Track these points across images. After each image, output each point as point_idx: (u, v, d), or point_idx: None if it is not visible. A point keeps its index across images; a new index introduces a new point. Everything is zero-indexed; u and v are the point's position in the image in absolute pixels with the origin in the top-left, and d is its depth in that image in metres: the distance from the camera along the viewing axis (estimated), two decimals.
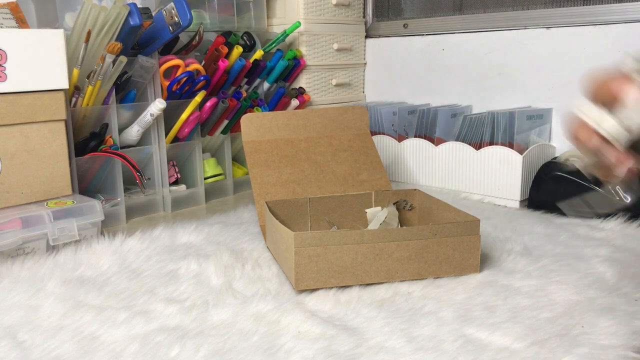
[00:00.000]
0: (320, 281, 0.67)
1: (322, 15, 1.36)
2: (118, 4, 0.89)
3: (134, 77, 0.99)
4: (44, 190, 0.87)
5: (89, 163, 0.96)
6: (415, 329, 0.58)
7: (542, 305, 0.63)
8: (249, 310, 0.63)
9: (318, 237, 0.66)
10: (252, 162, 0.93)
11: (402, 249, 0.69)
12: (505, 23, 1.25)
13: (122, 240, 0.84)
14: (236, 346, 0.55)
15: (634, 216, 0.91)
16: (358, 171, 0.96)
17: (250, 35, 1.24)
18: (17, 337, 0.57)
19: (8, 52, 0.80)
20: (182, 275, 0.74)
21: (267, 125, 0.97)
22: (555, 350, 0.53)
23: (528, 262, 0.76)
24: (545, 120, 1.17)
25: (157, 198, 1.06)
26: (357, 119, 1.02)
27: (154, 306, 0.64)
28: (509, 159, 1.05)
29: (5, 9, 0.92)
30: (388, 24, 1.47)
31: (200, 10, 1.18)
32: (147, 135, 1.04)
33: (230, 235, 0.88)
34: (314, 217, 0.85)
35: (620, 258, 0.76)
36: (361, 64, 1.50)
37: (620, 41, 1.09)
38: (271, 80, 1.25)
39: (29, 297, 0.66)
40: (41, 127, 0.85)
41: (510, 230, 0.89)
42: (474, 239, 0.71)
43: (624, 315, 0.60)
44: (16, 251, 0.78)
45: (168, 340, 0.56)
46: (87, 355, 0.54)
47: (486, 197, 1.09)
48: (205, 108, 1.07)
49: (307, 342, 0.56)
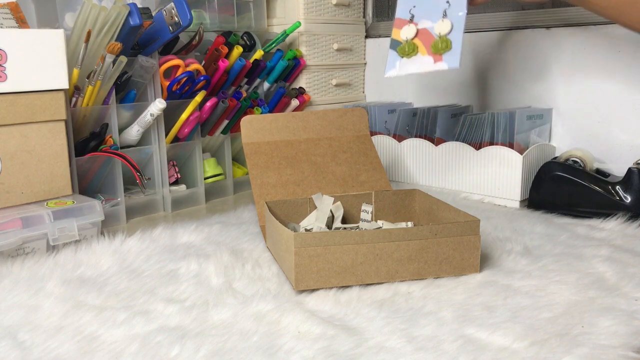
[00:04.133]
0: (320, 281, 0.67)
1: (322, 15, 1.36)
2: (118, 4, 0.89)
3: (134, 77, 0.99)
4: (44, 190, 0.87)
5: (89, 163, 0.96)
6: (415, 329, 0.58)
7: (542, 305, 0.63)
8: (249, 310, 0.63)
9: (318, 237, 0.66)
10: (252, 163, 0.93)
11: (402, 249, 0.69)
12: (505, 23, 1.25)
13: (122, 240, 0.84)
14: (236, 346, 0.55)
15: (634, 216, 0.91)
16: (358, 172, 0.96)
17: (250, 35, 1.24)
18: (17, 337, 0.57)
19: (8, 52, 0.80)
20: (182, 275, 0.74)
21: (266, 127, 0.97)
22: (555, 350, 0.53)
23: (528, 262, 0.76)
24: (545, 120, 1.17)
25: (157, 198, 1.06)
26: (356, 120, 1.02)
27: (154, 306, 0.64)
28: (509, 159, 1.05)
29: (5, 9, 0.92)
30: (388, 24, 1.47)
31: (200, 10, 1.18)
32: (147, 135, 1.04)
33: (230, 235, 0.88)
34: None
35: (620, 258, 0.76)
36: (361, 64, 1.50)
37: (620, 41, 1.09)
38: (271, 80, 1.25)
39: (29, 297, 0.66)
40: (41, 127, 0.85)
41: (510, 230, 0.89)
42: (474, 239, 0.71)
43: (624, 315, 0.60)
44: (16, 251, 0.78)
45: (168, 340, 0.56)
46: (87, 355, 0.54)
47: (486, 197, 1.09)
48: (205, 108, 1.07)
49: (307, 342, 0.56)
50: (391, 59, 0.89)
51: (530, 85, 1.21)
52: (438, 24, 0.87)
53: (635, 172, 0.92)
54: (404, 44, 0.89)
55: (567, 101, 1.17)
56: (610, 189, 0.94)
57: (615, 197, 0.93)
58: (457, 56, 0.84)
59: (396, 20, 0.91)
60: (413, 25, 0.89)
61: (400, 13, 0.92)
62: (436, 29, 0.87)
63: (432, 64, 0.86)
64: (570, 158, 1.05)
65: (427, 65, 0.86)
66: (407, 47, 0.88)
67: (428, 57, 0.87)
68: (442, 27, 0.87)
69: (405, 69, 0.88)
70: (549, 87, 1.19)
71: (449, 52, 0.85)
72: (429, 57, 0.87)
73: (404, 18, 0.91)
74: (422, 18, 0.89)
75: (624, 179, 0.94)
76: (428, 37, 0.88)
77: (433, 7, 0.88)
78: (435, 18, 0.88)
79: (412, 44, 0.88)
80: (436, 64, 0.86)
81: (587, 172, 0.98)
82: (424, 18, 0.89)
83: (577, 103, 1.16)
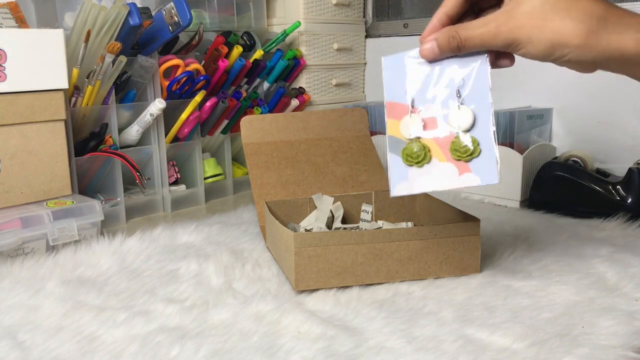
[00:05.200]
0: (320, 281, 0.67)
1: (322, 15, 1.36)
2: (118, 4, 0.89)
3: (134, 77, 0.99)
4: (43, 190, 0.87)
5: (88, 163, 0.96)
6: (416, 329, 0.58)
7: (543, 305, 0.63)
8: (249, 310, 0.63)
9: (318, 238, 0.66)
10: (251, 164, 0.93)
11: (403, 249, 0.69)
12: None
13: (121, 241, 0.84)
14: (236, 346, 0.55)
15: (635, 216, 0.91)
16: (358, 172, 0.96)
17: (250, 35, 1.24)
18: (17, 337, 0.57)
19: (8, 52, 0.80)
20: (182, 275, 0.74)
21: (266, 128, 0.97)
22: (555, 350, 0.53)
23: (528, 262, 0.76)
24: (545, 120, 1.17)
25: (157, 198, 1.06)
26: (356, 120, 1.02)
27: (154, 306, 0.64)
28: (509, 159, 1.05)
29: (5, 9, 0.92)
30: (388, 23, 1.47)
31: (200, 10, 1.18)
32: (147, 135, 1.04)
33: (230, 235, 0.88)
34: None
35: (620, 258, 0.76)
36: (361, 63, 1.49)
37: None
38: (271, 80, 1.25)
39: (29, 297, 0.66)
40: (41, 127, 0.85)
41: (511, 230, 0.89)
42: (474, 239, 0.71)
43: (624, 315, 0.60)
44: (16, 251, 0.78)
45: (168, 340, 0.56)
46: (87, 355, 0.54)
47: (486, 197, 1.09)
48: (205, 108, 1.07)
49: (307, 342, 0.56)
50: (396, 169, 0.61)
51: (530, 85, 1.21)
52: (454, 113, 0.59)
53: (636, 172, 0.92)
54: (410, 145, 0.60)
55: (568, 101, 1.17)
56: (611, 189, 0.94)
57: (615, 197, 0.93)
58: (493, 164, 0.58)
59: (388, 106, 0.62)
60: (416, 115, 0.60)
61: (392, 94, 0.62)
62: (452, 120, 0.59)
63: (457, 178, 0.58)
64: (570, 158, 1.05)
65: (451, 180, 0.59)
66: (415, 148, 0.60)
67: (449, 166, 0.59)
68: (460, 118, 0.59)
69: (421, 185, 0.60)
70: (549, 87, 1.19)
71: (478, 158, 0.58)
72: (451, 165, 0.59)
73: (400, 102, 0.61)
74: (426, 102, 0.61)
75: (624, 179, 0.94)
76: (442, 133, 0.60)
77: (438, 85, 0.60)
78: (446, 102, 0.60)
79: (420, 145, 0.60)
80: (463, 176, 0.58)
81: (587, 172, 0.98)
82: (429, 102, 0.60)
83: (578, 103, 1.16)
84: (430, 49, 0.59)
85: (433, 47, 0.58)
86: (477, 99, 0.59)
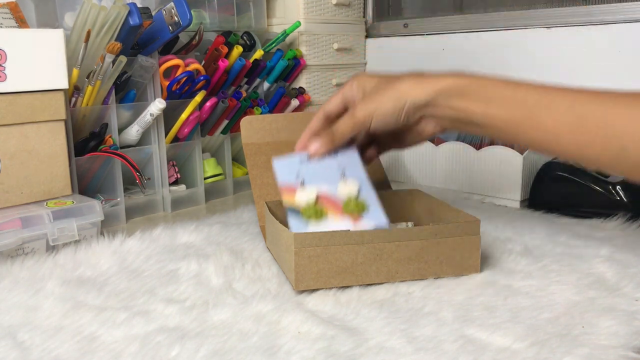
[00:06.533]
0: (320, 281, 0.67)
1: (322, 15, 1.36)
2: (118, 4, 0.89)
3: (134, 77, 0.99)
4: (43, 190, 0.87)
5: (88, 163, 0.96)
6: (416, 329, 0.58)
7: (543, 305, 0.63)
8: (249, 310, 0.63)
9: (318, 237, 0.66)
10: (252, 164, 0.93)
11: (403, 250, 0.69)
12: (505, 23, 1.25)
13: (121, 241, 0.83)
14: (236, 346, 0.55)
15: (635, 216, 0.91)
16: None
17: (250, 35, 1.24)
18: (17, 337, 0.57)
19: (7, 52, 0.80)
20: (182, 276, 0.74)
21: (266, 128, 0.97)
22: (555, 350, 0.53)
23: (528, 262, 0.76)
24: None
25: (157, 198, 1.06)
26: None
27: (153, 306, 0.64)
28: (509, 159, 1.05)
29: (5, 9, 0.92)
30: (388, 23, 1.47)
31: (200, 10, 1.18)
32: (147, 135, 1.04)
33: (230, 235, 0.88)
34: None
35: (620, 258, 0.76)
36: (361, 63, 1.49)
37: (620, 41, 1.09)
38: (271, 80, 1.25)
39: (29, 297, 0.66)
40: (41, 127, 0.85)
41: (511, 230, 0.89)
42: (474, 239, 0.71)
43: (624, 315, 0.60)
44: (16, 251, 0.78)
45: (168, 340, 0.56)
46: (87, 355, 0.54)
47: (486, 197, 1.09)
48: (205, 108, 1.07)
49: (307, 342, 0.56)
50: (295, 224, 0.69)
51: None
52: (341, 186, 0.72)
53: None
54: (307, 208, 0.70)
55: None
56: (611, 188, 0.94)
57: (615, 197, 0.93)
58: (381, 213, 0.69)
59: (282, 189, 0.72)
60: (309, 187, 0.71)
61: (284, 178, 0.73)
62: (341, 191, 0.71)
63: (352, 225, 0.69)
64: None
65: (348, 226, 0.69)
66: (312, 210, 0.70)
67: (344, 217, 0.69)
68: (347, 187, 0.72)
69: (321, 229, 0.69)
70: None
71: (368, 212, 0.70)
72: (346, 217, 0.69)
73: (291, 184, 0.72)
74: (316, 182, 0.72)
75: (624, 179, 0.94)
76: (334, 200, 0.71)
77: (324, 171, 0.72)
78: (333, 180, 0.72)
79: (316, 209, 0.70)
80: (357, 224, 0.69)
81: (587, 172, 0.98)
82: (318, 182, 0.72)
83: None
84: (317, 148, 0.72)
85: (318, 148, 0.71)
86: (357, 173, 0.73)
